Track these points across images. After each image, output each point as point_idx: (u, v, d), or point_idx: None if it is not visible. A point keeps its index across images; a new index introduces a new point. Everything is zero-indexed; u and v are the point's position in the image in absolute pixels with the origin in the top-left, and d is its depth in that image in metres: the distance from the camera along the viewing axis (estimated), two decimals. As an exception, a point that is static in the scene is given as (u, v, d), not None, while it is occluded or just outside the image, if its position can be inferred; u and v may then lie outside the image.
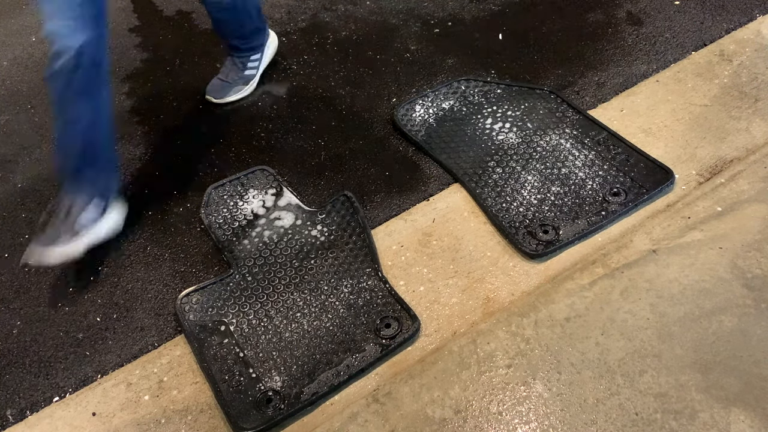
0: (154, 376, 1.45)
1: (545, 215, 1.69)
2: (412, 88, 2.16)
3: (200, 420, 1.37)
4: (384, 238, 1.69)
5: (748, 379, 1.33)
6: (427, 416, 1.33)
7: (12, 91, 2.24)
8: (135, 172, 1.94)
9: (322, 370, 1.42)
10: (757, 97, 1.96)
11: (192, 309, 1.55)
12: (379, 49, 2.33)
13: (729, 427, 1.26)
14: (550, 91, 2.06)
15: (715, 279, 1.51)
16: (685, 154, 1.83)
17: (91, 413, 1.40)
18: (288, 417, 1.35)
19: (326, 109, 2.11)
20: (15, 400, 1.43)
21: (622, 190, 1.72)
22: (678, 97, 2.00)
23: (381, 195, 1.81)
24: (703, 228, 1.62)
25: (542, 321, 1.47)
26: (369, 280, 1.58)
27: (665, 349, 1.39)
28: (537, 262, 1.60)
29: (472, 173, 1.82)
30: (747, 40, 2.18)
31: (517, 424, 1.30)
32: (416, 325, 1.46)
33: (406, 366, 1.42)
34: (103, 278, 1.66)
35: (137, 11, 2.62)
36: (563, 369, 1.38)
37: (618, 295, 1.50)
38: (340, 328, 1.49)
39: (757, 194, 1.68)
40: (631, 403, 1.31)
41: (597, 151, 1.84)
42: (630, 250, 1.59)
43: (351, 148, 1.97)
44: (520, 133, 1.93)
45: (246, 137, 2.03)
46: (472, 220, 1.72)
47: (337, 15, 2.52)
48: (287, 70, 2.28)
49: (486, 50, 2.28)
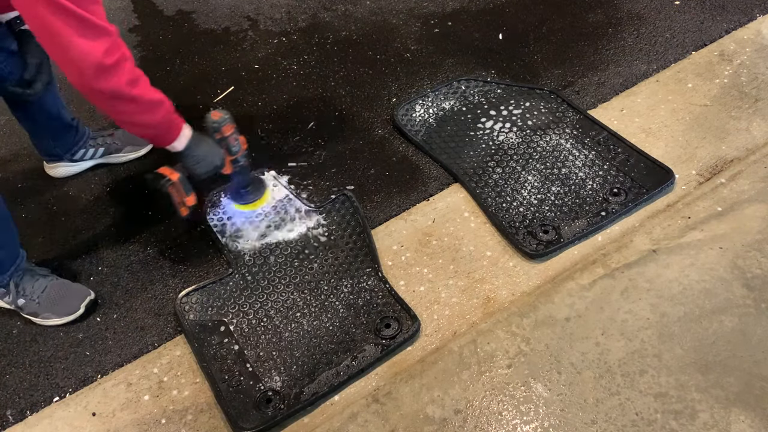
0: (154, 376, 1.45)
1: (545, 215, 1.69)
2: (412, 88, 2.16)
3: (200, 420, 1.37)
4: (384, 238, 1.69)
5: (748, 379, 1.33)
6: (427, 416, 1.33)
7: (12, 91, 2.24)
8: (135, 173, 1.94)
9: (322, 370, 1.42)
10: (757, 97, 1.96)
11: (192, 309, 1.55)
12: (379, 49, 2.33)
13: (729, 427, 1.26)
14: (550, 91, 2.06)
15: (715, 279, 1.51)
16: (685, 154, 1.83)
17: (91, 413, 1.40)
18: (288, 417, 1.35)
19: (326, 109, 2.11)
20: (15, 400, 1.43)
21: (622, 190, 1.72)
22: (678, 97, 2.00)
23: (381, 195, 1.81)
24: (703, 228, 1.62)
25: (542, 321, 1.47)
26: (369, 280, 1.58)
27: (665, 349, 1.39)
28: (537, 262, 1.60)
29: (472, 173, 1.82)
30: (747, 40, 2.18)
31: (517, 424, 1.30)
32: (416, 325, 1.46)
33: (407, 366, 1.42)
34: (103, 278, 1.66)
35: (137, 11, 2.62)
36: (563, 369, 1.38)
37: (618, 295, 1.50)
38: (339, 328, 1.49)
39: (757, 194, 1.68)
40: (631, 403, 1.31)
41: (597, 151, 1.84)
42: (630, 250, 1.59)
43: (351, 148, 1.96)
44: (520, 133, 1.93)
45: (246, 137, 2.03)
46: (472, 220, 1.72)
47: (337, 15, 2.52)
48: (287, 70, 2.28)
49: (486, 50, 2.28)
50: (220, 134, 1.53)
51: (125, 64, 1.26)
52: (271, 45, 2.39)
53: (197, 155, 1.49)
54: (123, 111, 1.32)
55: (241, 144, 1.60)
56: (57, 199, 1.88)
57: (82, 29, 1.18)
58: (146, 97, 1.32)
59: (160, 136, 1.42)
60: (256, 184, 1.77)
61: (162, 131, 1.41)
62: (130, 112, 1.32)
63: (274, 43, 2.40)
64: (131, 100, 1.29)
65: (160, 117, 1.37)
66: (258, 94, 2.19)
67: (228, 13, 2.56)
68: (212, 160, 1.53)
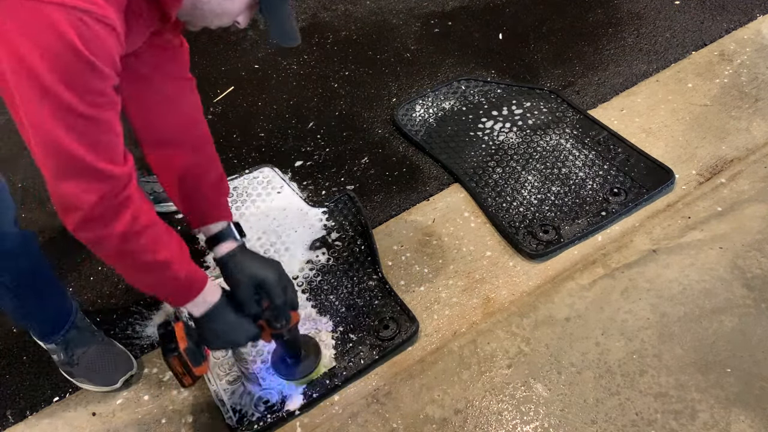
0: (154, 376, 1.45)
1: (545, 215, 1.69)
2: (412, 88, 2.16)
3: (200, 420, 1.37)
4: (384, 238, 1.69)
5: (748, 379, 1.33)
6: (428, 416, 1.33)
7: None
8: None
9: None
10: (757, 97, 1.96)
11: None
12: (379, 49, 2.33)
13: (729, 427, 1.26)
14: (550, 91, 2.06)
15: (715, 279, 1.51)
16: (686, 154, 1.82)
17: (91, 413, 1.40)
18: (288, 419, 1.35)
19: (326, 109, 2.11)
20: (15, 400, 1.43)
21: (622, 190, 1.72)
22: (678, 97, 2.00)
23: (381, 195, 1.81)
24: (703, 228, 1.62)
25: (542, 321, 1.47)
26: (369, 281, 1.58)
27: (665, 349, 1.39)
28: (537, 262, 1.60)
29: (472, 173, 1.82)
30: (747, 39, 2.18)
31: (517, 424, 1.30)
32: (414, 327, 1.46)
33: (407, 366, 1.42)
34: (103, 278, 1.66)
35: (137, 11, 2.61)
36: (563, 369, 1.38)
37: (618, 295, 1.50)
38: (339, 328, 1.49)
39: (757, 194, 1.68)
40: (631, 403, 1.31)
41: (597, 150, 1.84)
42: (630, 250, 1.59)
43: (351, 148, 1.96)
44: (520, 133, 1.93)
45: (246, 137, 2.03)
46: (472, 220, 1.72)
47: (337, 15, 2.52)
48: (287, 70, 2.28)
49: (486, 50, 2.28)
50: None
51: (123, 215, 0.95)
52: (271, 45, 2.39)
53: (215, 328, 1.16)
54: (116, 265, 1.04)
55: (292, 319, 1.26)
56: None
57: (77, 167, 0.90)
58: (146, 258, 1.01)
59: (171, 298, 1.14)
60: (309, 354, 1.41)
61: (168, 293, 1.12)
62: (123, 270, 1.05)
63: (274, 42, 2.40)
64: (124, 256, 1.00)
65: (166, 281, 1.08)
66: (258, 94, 2.19)
67: (228, 13, 2.56)
68: (234, 337, 1.19)
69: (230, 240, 1.22)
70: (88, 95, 0.86)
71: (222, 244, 1.22)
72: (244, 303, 1.19)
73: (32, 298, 1.28)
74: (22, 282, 1.25)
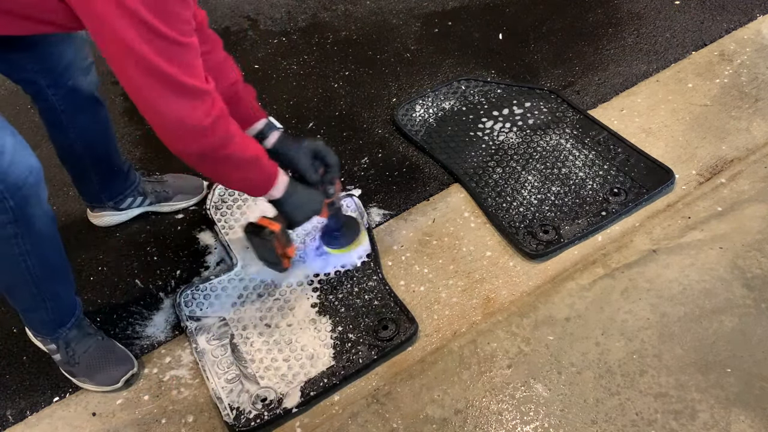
0: (154, 376, 1.45)
1: (545, 215, 1.69)
2: (412, 88, 2.16)
3: (200, 420, 1.37)
4: (384, 238, 1.69)
5: (748, 379, 1.33)
6: (428, 416, 1.33)
7: (12, 91, 2.24)
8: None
9: (322, 370, 1.42)
10: (757, 97, 1.96)
11: (192, 307, 1.55)
12: (379, 49, 2.33)
13: (729, 427, 1.26)
14: (550, 91, 2.06)
15: (716, 279, 1.51)
16: (686, 154, 1.83)
17: (91, 413, 1.40)
18: (286, 417, 1.35)
19: (326, 109, 2.11)
20: (15, 400, 1.43)
21: (622, 190, 1.72)
22: (678, 97, 2.00)
23: (381, 195, 1.81)
24: (703, 228, 1.62)
25: (542, 321, 1.47)
26: (369, 281, 1.58)
27: (665, 349, 1.39)
28: (537, 262, 1.60)
29: (472, 173, 1.82)
30: (747, 39, 2.18)
31: (517, 424, 1.30)
32: (413, 328, 1.46)
33: (407, 366, 1.42)
34: (103, 278, 1.66)
35: (137, 11, 2.61)
36: (563, 369, 1.38)
37: (618, 295, 1.50)
38: (338, 328, 1.49)
39: (757, 194, 1.68)
40: (631, 403, 1.31)
41: (597, 151, 1.84)
42: (630, 250, 1.59)
43: (351, 149, 1.96)
44: (520, 133, 1.93)
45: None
46: (472, 220, 1.72)
47: (337, 15, 2.52)
48: (287, 70, 2.28)
49: (486, 50, 2.28)
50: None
51: (220, 123, 1.13)
52: (271, 45, 2.39)
53: (295, 202, 1.37)
54: (214, 170, 1.22)
55: (336, 186, 1.48)
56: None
57: (180, 92, 1.05)
58: (239, 155, 1.20)
59: (257, 188, 1.31)
60: (350, 225, 1.63)
61: (258, 183, 1.30)
62: (221, 172, 1.22)
63: (274, 43, 2.40)
64: (224, 159, 1.18)
65: (255, 173, 1.26)
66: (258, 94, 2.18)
67: (228, 13, 2.56)
68: (311, 206, 1.41)
69: (274, 131, 1.42)
70: (179, 24, 1.00)
71: (269, 137, 1.41)
72: (305, 172, 1.41)
73: (48, 282, 1.28)
74: (45, 266, 1.25)
